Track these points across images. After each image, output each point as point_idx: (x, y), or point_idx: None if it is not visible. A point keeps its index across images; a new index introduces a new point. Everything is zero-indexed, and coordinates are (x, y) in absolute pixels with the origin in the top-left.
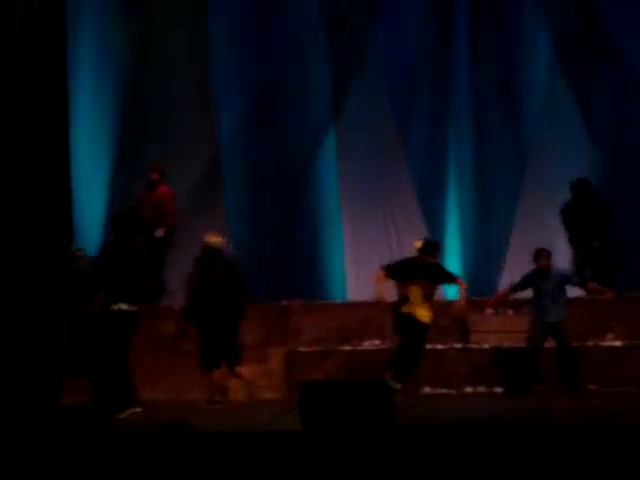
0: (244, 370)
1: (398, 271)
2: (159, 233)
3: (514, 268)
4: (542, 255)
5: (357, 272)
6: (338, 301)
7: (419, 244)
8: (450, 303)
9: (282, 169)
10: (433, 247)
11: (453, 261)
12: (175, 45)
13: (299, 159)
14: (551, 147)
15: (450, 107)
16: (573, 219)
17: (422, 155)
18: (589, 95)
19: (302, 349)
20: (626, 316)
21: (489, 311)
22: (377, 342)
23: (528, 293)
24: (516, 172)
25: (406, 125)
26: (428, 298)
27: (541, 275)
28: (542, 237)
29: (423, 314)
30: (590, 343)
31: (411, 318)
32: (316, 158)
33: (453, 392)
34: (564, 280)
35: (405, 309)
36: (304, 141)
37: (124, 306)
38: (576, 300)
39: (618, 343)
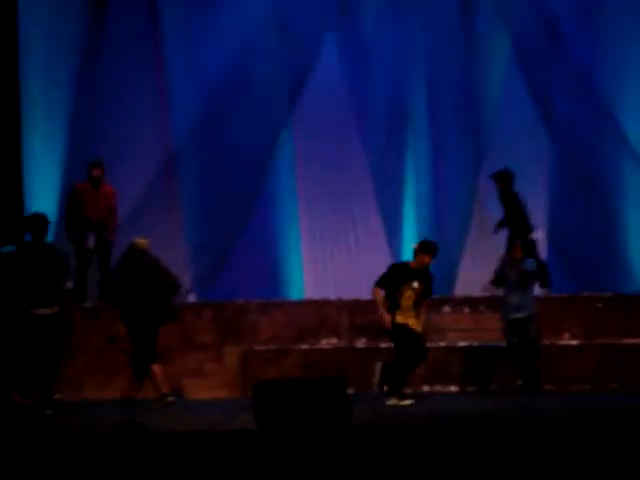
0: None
1: (390, 280)
2: (111, 235)
3: (471, 264)
4: (515, 247)
5: (315, 270)
6: (295, 300)
7: (417, 246)
8: None
9: (239, 169)
10: (429, 246)
11: (411, 258)
12: (128, 45)
13: (256, 159)
14: (509, 144)
15: (407, 103)
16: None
17: (379, 153)
18: (547, 94)
19: (258, 348)
20: (582, 316)
21: (446, 309)
22: (334, 341)
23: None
24: (474, 169)
25: (363, 122)
26: (418, 306)
27: (511, 266)
28: (499, 233)
29: (416, 323)
30: (547, 342)
31: (404, 328)
32: (273, 157)
33: (410, 391)
34: (534, 275)
35: (399, 319)
36: (260, 140)
37: (42, 310)
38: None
39: (574, 342)
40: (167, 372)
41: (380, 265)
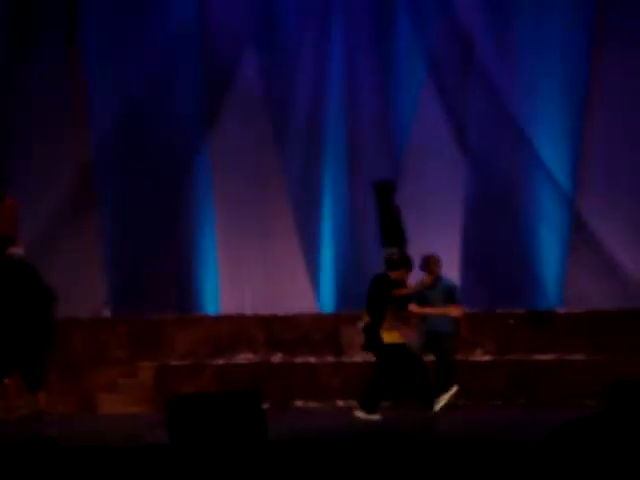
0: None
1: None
2: (19, 250)
3: None
4: (430, 262)
5: (231, 286)
6: (211, 314)
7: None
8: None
9: (156, 184)
10: (410, 262)
11: (327, 274)
12: (45, 59)
13: (173, 174)
14: (424, 160)
15: (325, 120)
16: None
17: (297, 170)
18: (462, 109)
19: (173, 363)
20: (495, 332)
21: (361, 324)
22: (250, 356)
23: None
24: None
25: (282, 139)
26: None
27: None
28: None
29: (398, 335)
30: (460, 358)
31: (398, 349)
32: (190, 173)
33: (325, 406)
34: (452, 290)
35: (387, 338)
36: (178, 156)
37: None
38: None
39: (486, 358)
40: (80, 386)
41: (296, 281)
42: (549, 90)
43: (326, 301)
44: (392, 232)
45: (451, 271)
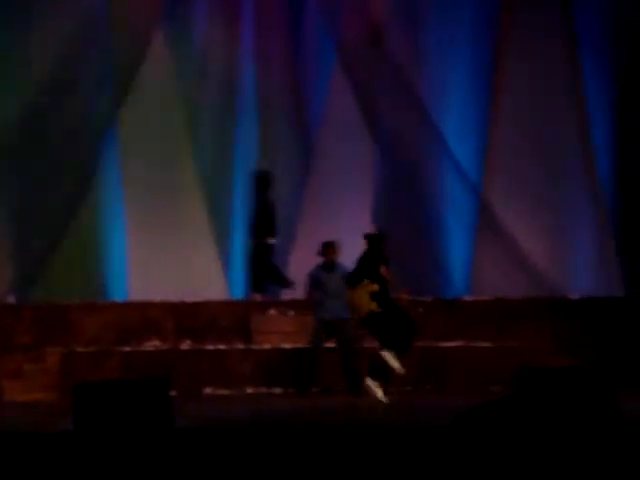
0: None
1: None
2: None
3: (299, 266)
4: (329, 248)
5: (139, 272)
6: (119, 301)
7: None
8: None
9: (63, 169)
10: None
11: (238, 260)
12: None
13: (80, 158)
14: (335, 144)
15: (237, 102)
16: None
17: (208, 154)
18: (371, 95)
19: (80, 349)
20: None
21: (272, 312)
22: (158, 343)
23: None
24: (300, 170)
25: (192, 123)
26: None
27: (327, 269)
28: (324, 229)
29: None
30: (369, 346)
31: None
32: (98, 157)
33: (234, 393)
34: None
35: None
36: (85, 140)
37: None
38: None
39: None
40: None
41: (207, 266)
42: (456, 79)
43: (237, 287)
44: (265, 223)
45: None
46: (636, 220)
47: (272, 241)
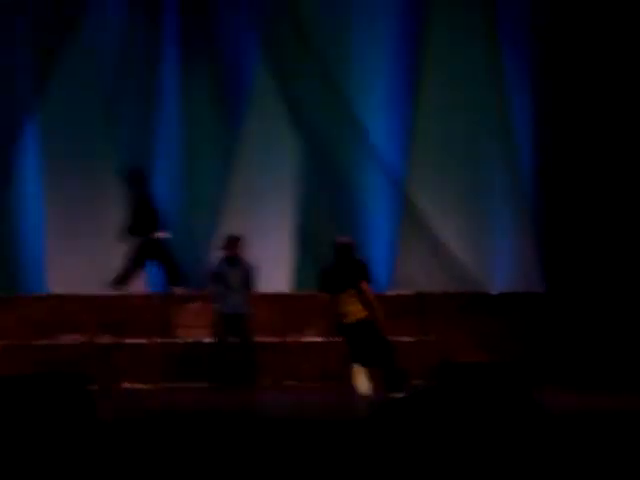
0: None
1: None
2: None
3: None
4: (233, 242)
5: (58, 265)
6: (36, 294)
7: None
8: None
9: None
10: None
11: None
12: None
13: None
14: (259, 142)
15: (161, 100)
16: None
17: (128, 150)
18: (297, 93)
19: None
20: (326, 313)
21: (193, 305)
22: (76, 337)
23: None
24: (224, 168)
25: (112, 114)
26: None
27: (230, 263)
28: (247, 226)
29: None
30: (290, 339)
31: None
32: (16, 144)
33: (151, 387)
34: (250, 272)
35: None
36: (4, 130)
37: None
38: (278, 296)
39: (318, 339)
40: None
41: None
42: (379, 76)
43: (156, 281)
44: (148, 219)
45: (283, 253)
46: (556, 216)
47: (160, 235)
